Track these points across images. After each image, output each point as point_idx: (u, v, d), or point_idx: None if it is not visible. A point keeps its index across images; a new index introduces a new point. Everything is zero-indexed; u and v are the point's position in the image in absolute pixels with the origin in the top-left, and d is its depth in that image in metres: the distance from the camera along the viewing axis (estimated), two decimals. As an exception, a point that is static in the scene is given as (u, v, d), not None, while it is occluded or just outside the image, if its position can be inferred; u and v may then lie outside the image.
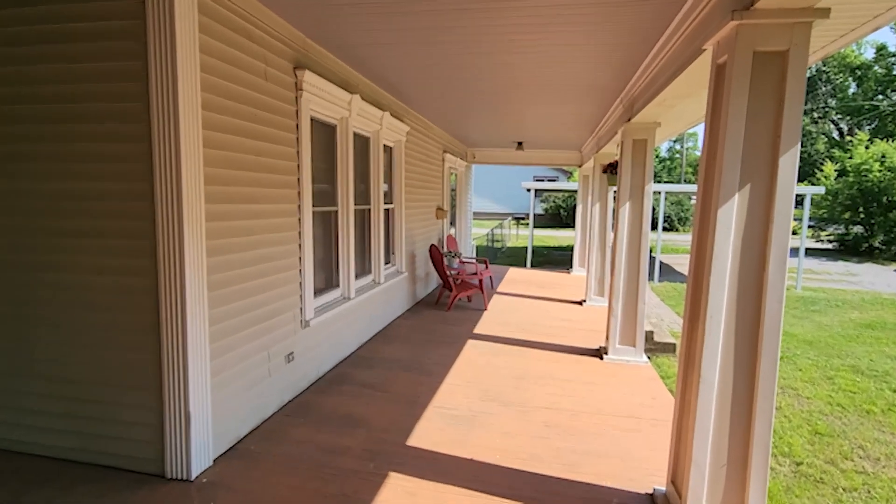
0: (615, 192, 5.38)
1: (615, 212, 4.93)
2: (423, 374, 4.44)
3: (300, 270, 3.82)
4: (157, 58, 2.47)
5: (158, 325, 2.64)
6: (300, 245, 3.80)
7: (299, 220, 3.77)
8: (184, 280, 2.58)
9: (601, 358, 5.02)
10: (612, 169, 5.93)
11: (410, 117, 6.60)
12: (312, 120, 3.98)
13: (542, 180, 29.83)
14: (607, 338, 5.05)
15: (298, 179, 3.73)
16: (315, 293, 4.13)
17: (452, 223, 10.77)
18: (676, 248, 21.12)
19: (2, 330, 2.87)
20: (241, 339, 3.11)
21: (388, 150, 6.00)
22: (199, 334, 2.69)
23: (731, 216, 2.11)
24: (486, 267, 8.64)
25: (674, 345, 6.68)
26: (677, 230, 28.63)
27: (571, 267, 11.09)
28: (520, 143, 9.61)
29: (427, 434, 3.33)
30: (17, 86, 2.69)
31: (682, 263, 16.89)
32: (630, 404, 3.93)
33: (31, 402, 2.87)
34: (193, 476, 2.70)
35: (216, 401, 2.87)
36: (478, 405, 3.82)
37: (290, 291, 3.68)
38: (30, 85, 2.67)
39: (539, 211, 31.25)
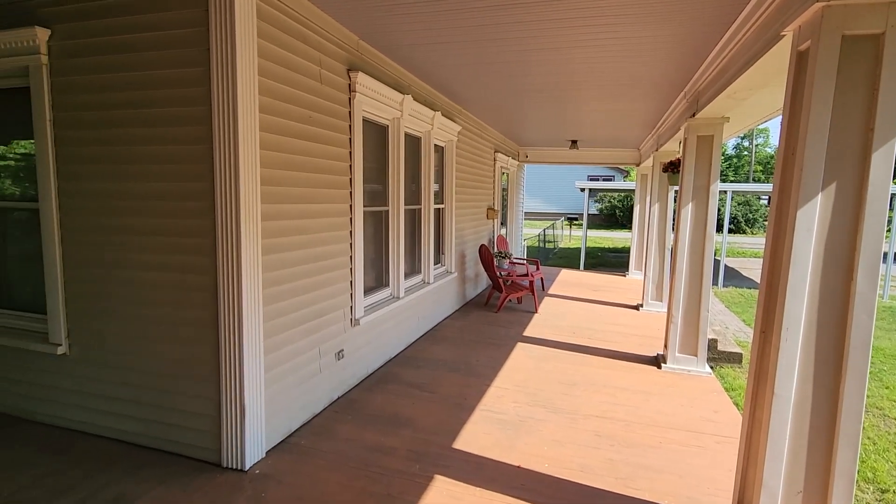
0: (676, 191, 5.09)
1: (676, 212, 4.65)
2: (471, 376, 4.39)
3: (351, 269, 3.87)
4: (218, 64, 2.57)
5: (217, 320, 2.74)
6: (351, 244, 3.85)
7: (351, 219, 3.82)
8: (240, 277, 2.67)
9: (659, 367, 4.76)
10: (673, 168, 5.62)
11: (462, 117, 6.57)
12: (364, 121, 4.03)
13: (597, 179, 28.95)
14: (666, 345, 4.79)
15: (350, 180, 3.78)
16: (365, 292, 4.18)
17: (503, 223, 10.64)
18: (744, 252, 19.85)
19: (81, 321, 3.10)
20: (293, 335, 3.19)
21: (439, 150, 5.99)
22: (253, 330, 2.77)
23: (812, 218, 1.91)
24: (538, 268, 8.46)
25: (740, 355, 6.25)
26: (744, 232, 26.91)
27: (627, 270, 10.66)
28: (574, 142, 9.34)
29: (474, 438, 3.27)
30: (91, 93, 2.88)
31: (749, 268, 15.84)
32: (690, 417, 3.69)
33: (104, 388, 3.07)
34: (247, 467, 2.79)
35: (269, 395, 2.95)
36: (526, 410, 3.72)
37: (340, 290, 3.74)
38: (102, 92, 2.86)
39: (593, 211, 30.36)
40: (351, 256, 3.86)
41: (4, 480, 2.63)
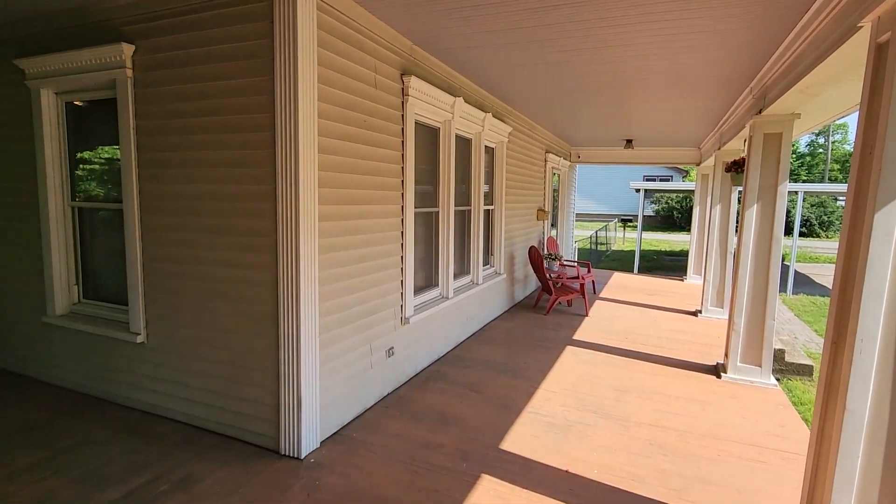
0: (740, 192, 4.84)
1: (739, 214, 4.42)
2: (519, 378, 4.37)
3: (402, 269, 3.96)
4: (281, 73, 2.71)
5: (277, 315, 2.90)
6: (402, 244, 3.94)
7: (402, 220, 3.91)
8: (298, 275, 2.80)
9: (718, 376, 4.54)
10: (737, 167, 5.33)
11: (513, 118, 6.54)
12: (416, 124, 4.11)
13: (654, 179, 27.87)
14: (726, 354, 4.56)
15: (402, 181, 3.87)
16: (415, 292, 4.26)
17: (554, 225, 10.48)
18: (816, 257, 18.47)
19: (157, 313, 3.36)
20: (346, 332, 3.31)
21: (489, 151, 6.00)
22: (310, 325, 2.91)
23: (892, 222, 1.77)
24: (589, 271, 8.28)
25: (810, 367, 5.84)
26: (818, 236, 25.03)
27: (685, 274, 10.21)
28: (629, 141, 9.06)
29: (521, 439, 3.27)
30: (169, 103, 3.13)
31: (822, 274, 14.73)
32: (752, 431, 3.50)
33: (176, 375, 3.32)
34: (303, 455, 2.93)
35: (324, 388, 3.08)
36: (575, 415, 3.66)
37: (391, 289, 3.84)
38: (178, 102, 3.09)
39: (649, 212, 29.22)
40: (402, 256, 3.95)
41: (93, 455, 2.91)
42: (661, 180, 27.63)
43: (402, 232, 3.93)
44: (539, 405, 3.82)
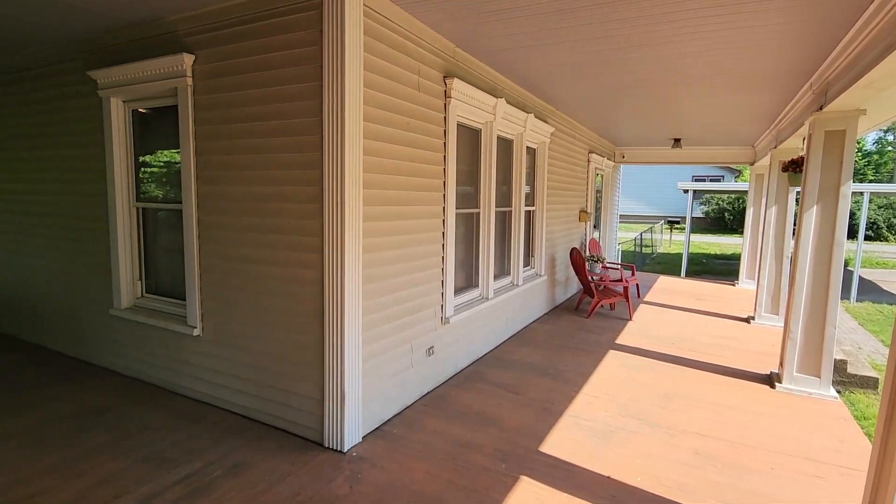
0: (798, 193, 4.60)
1: (797, 216, 4.20)
2: (559, 381, 4.32)
3: (442, 269, 4.01)
4: (329, 78, 2.81)
5: (322, 312, 3.01)
6: (443, 245, 3.99)
7: (443, 221, 3.96)
8: (343, 273, 2.90)
9: (772, 386, 4.33)
10: (795, 167, 5.06)
11: (555, 118, 6.48)
12: (458, 125, 4.15)
13: (703, 180, 26.76)
14: (781, 363, 4.34)
15: (444, 183, 3.92)
16: (455, 292, 4.30)
17: (596, 226, 10.28)
18: (884, 262, 17.22)
19: (211, 307, 3.55)
20: (388, 330, 3.38)
21: (530, 152, 5.97)
22: (354, 323, 2.99)
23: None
24: (633, 274, 8.07)
25: (875, 379, 5.47)
26: (886, 240, 23.31)
27: (737, 278, 9.76)
28: (677, 140, 8.76)
29: (561, 443, 3.24)
30: (224, 109, 3.30)
31: (891, 281, 13.71)
32: (810, 445, 3.32)
33: (229, 367, 3.49)
34: (346, 449, 3.02)
35: (366, 384, 3.16)
36: (617, 420, 3.59)
37: (432, 289, 3.89)
38: (232, 108, 3.25)
39: (698, 214, 28.08)
40: (442, 257, 4.00)
41: (155, 439, 3.11)
42: (711, 180, 26.50)
43: (444, 233, 3.98)
44: (580, 409, 3.77)
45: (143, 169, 4.03)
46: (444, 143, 3.90)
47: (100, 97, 3.93)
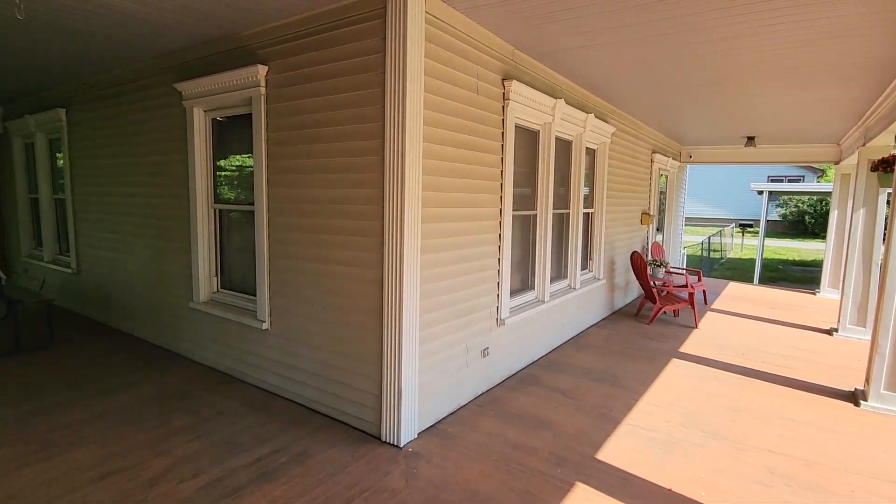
0: (889, 194, 4.19)
1: (888, 220, 3.84)
2: (617, 388, 4.20)
3: (498, 271, 4.02)
4: (391, 84, 2.91)
5: (381, 310, 3.11)
6: (500, 247, 3.99)
7: (500, 223, 3.97)
8: (402, 273, 2.98)
9: (856, 404, 3.98)
10: (886, 166, 4.63)
11: (616, 117, 6.29)
12: (516, 127, 4.14)
13: (781, 180, 24.92)
14: (868, 380, 3.98)
15: (501, 185, 3.93)
16: (511, 294, 4.29)
17: (659, 229, 9.86)
18: None
19: (278, 303, 3.76)
20: (444, 329, 3.44)
21: (590, 153, 5.84)
22: (411, 321, 3.07)
23: None
24: (699, 279, 7.67)
25: (984, 404, 4.87)
26: None
27: (818, 287, 9.02)
28: (750, 139, 8.23)
29: (619, 451, 3.15)
30: (293, 116, 3.49)
31: None
32: (900, 470, 3.03)
33: (293, 360, 3.69)
34: (402, 444, 3.11)
35: (422, 382, 3.23)
36: (680, 431, 3.44)
37: (488, 290, 3.91)
38: (300, 114, 3.44)
39: (774, 217, 26.15)
40: (498, 259, 4.01)
41: (228, 424, 3.34)
42: (789, 181, 24.64)
43: (500, 234, 3.99)
44: (639, 418, 3.64)
45: (219, 173, 4.34)
46: (502, 146, 3.91)
47: (184, 107, 4.27)
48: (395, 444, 3.11)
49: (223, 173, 4.33)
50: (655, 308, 6.49)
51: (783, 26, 3.15)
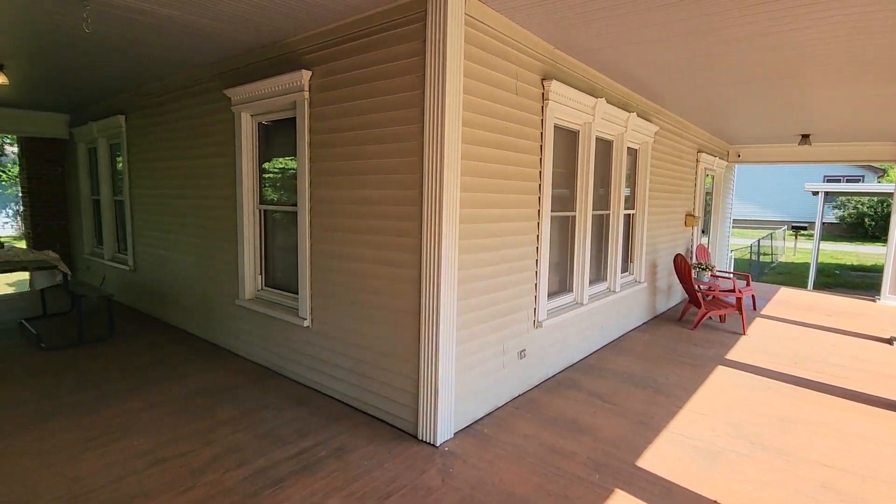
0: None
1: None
2: (659, 394, 4.08)
3: (536, 272, 3.98)
4: (430, 86, 2.94)
5: (419, 310, 3.14)
6: (537, 248, 3.96)
7: (538, 224, 3.94)
8: (439, 273, 3.01)
9: (923, 419, 3.71)
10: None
11: (660, 116, 6.12)
12: (555, 127, 4.10)
13: (838, 180, 23.52)
14: (936, 394, 3.71)
15: (539, 185, 3.90)
16: (548, 296, 4.25)
17: (705, 231, 9.50)
18: None
19: (319, 301, 3.87)
20: (481, 330, 3.44)
21: (631, 153, 5.70)
22: (448, 321, 3.09)
23: None
24: (748, 284, 7.35)
25: None
26: None
27: (878, 293, 8.47)
28: (805, 137, 7.83)
29: (661, 459, 3.06)
30: (333, 119, 3.58)
31: None
32: (973, 492, 2.81)
33: (333, 357, 3.78)
34: (439, 443, 3.13)
35: (459, 381, 3.25)
36: (726, 441, 3.31)
37: (525, 291, 3.88)
38: (340, 118, 3.52)
39: (831, 219, 24.69)
40: (536, 260, 3.97)
41: (271, 418, 3.47)
42: (847, 180, 23.22)
43: (538, 235, 3.95)
44: (683, 426, 3.53)
45: (264, 175, 4.50)
46: (541, 146, 3.88)
47: (232, 112, 4.46)
48: (432, 442, 3.14)
49: (267, 175, 4.49)
50: (700, 313, 6.26)
51: (842, 17, 2.99)
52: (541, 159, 3.89)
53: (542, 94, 3.84)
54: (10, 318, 6.02)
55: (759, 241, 15.16)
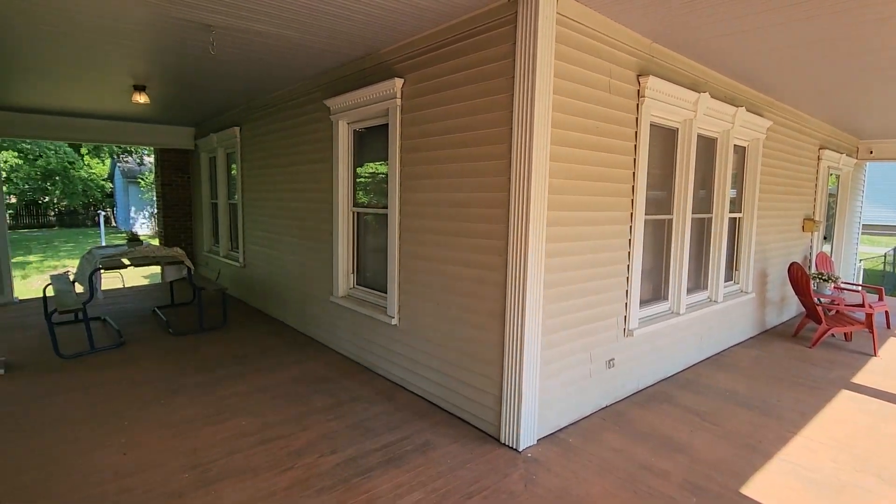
0: None
1: None
2: (769, 418, 3.70)
3: (627, 278, 3.80)
4: (520, 89, 2.93)
5: (503, 312, 3.13)
6: (629, 253, 3.78)
7: (630, 227, 3.75)
8: (525, 277, 2.98)
9: None
10: None
11: (774, 110, 5.55)
12: (651, 125, 3.88)
13: None
14: None
15: (633, 187, 3.71)
16: (641, 303, 4.02)
17: (827, 238, 8.44)
18: None
19: (406, 300, 4.00)
20: (567, 336, 3.35)
21: (738, 151, 5.23)
22: (534, 325, 3.05)
23: None
24: (880, 298, 6.41)
25: None
26: None
27: None
28: (960, 128, 6.67)
29: (770, 488, 2.77)
30: (423, 124, 3.68)
31: None
32: None
33: (418, 356, 3.89)
34: (521, 448, 3.09)
35: (543, 388, 3.19)
36: (850, 475, 2.92)
37: (615, 298, 3.71)
38: (429, 123, 3.61)
39: None
40: (628, 265, 3.79)
41: (361, 410, 3.65)
42: None
43: (630, 240, 3.77)
44: (796, 454, 3.17)
45: (356, 179, 4.76)
46: (635, 146, 3.70)
47: (331, 121, 4.77)
48: (514, 447, 3.11)
49: (360, 179, 4.74)
50: (820, 329, 5.57)
51: None
52: (635, 160, 3.70)
53: (638, 90, 3.65)
54: (146, 305, 6.94)
55: (894, 249, 13.14)
